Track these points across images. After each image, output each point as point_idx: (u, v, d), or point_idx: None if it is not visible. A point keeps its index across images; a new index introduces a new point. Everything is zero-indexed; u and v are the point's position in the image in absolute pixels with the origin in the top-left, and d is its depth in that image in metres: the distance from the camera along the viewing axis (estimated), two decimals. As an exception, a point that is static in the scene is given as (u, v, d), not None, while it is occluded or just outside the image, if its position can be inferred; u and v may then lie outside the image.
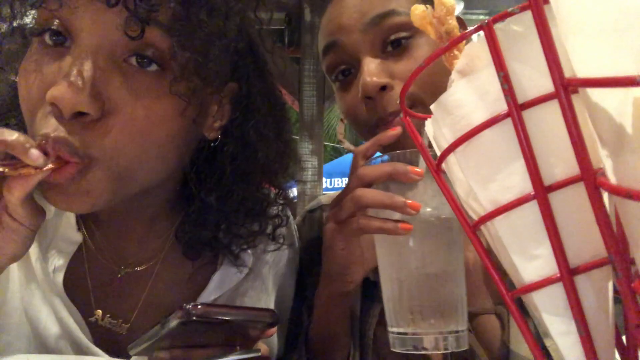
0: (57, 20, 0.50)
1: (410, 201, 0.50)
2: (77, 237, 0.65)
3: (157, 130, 0.52)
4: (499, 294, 0.29)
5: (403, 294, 0.51)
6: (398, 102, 0.63)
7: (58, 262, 0.63)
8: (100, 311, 0.64)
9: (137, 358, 0.55)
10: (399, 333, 0.51)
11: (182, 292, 0.68)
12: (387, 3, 0.65)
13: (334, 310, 0.67)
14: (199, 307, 0.46)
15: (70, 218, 0.65)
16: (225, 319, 0.49)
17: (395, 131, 0.58)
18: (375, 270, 0.57)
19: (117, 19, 0.48)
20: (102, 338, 0.63)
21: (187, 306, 0.46)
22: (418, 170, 0.51)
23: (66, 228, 0.65)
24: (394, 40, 0.65)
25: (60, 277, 0.62)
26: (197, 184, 0.65)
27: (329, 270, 0.63)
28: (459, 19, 0.67)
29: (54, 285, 0.62)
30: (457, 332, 0.49)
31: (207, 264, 0.68)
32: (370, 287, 0.71)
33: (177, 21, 0.49)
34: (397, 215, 0.52)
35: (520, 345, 0.62)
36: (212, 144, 0.63)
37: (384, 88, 0.63)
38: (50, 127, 0.48)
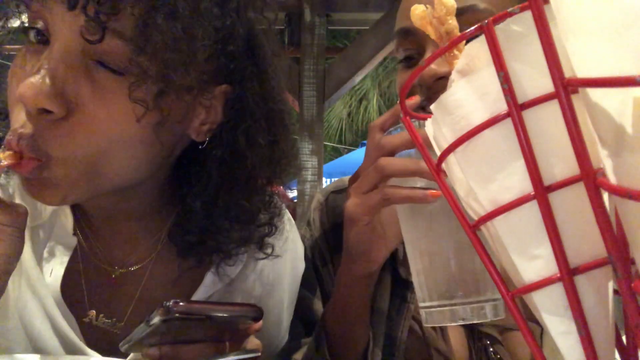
0: (40, 20, 0.51)
1: None
2: (72, 240, 0.65)
3: (121, 131, 0.51)
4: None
5: (435, 266, 0.49)
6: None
7: (55, 266, 0.63)
8: (94, 311, 0.64)
9: (133, 355, 0.56)
10: (432, 306, 0.49)
11: (176, 289, 0.67)
12: None
13: (355, 295, 0.64)
14: (180, 304, 0.46)
15: (65, 221, 0.65)
16: (209, 315, 0.49)
17: (412, 100, 0.56)
18: (408, 268, 0.55)
19: (80, 22, 0.48)
20: (98, 338, 0.63)
21: (168, 304, 0.46)
22: None
23: (61, 231, 0.64)
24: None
25: (57, 282, 0.62)
26: (184, 186, 0.64)
27: (351, 250, 0.60)
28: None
29: (48, 289, 0.61)
30: (494, 300, 0.47)
31: (201, 261, 0.68)
32: (401, 287, 0.69)
33: (135, 27, 0.48)
34: (421, 184, 0.50)
35: None
36: (200, 147, 0.61)
37: (440, 78, 0.61)
38: (20, 122, 0.49)
